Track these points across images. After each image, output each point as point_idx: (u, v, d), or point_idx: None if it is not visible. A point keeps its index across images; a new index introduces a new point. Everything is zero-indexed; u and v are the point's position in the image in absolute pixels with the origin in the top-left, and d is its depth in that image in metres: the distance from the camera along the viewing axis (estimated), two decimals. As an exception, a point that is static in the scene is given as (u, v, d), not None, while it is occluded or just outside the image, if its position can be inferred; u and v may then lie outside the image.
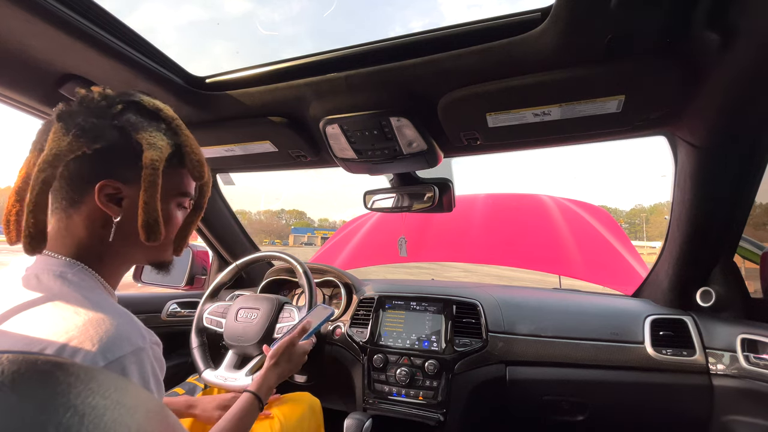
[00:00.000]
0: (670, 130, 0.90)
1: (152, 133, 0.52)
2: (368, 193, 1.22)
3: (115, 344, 0.43)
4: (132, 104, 0.53)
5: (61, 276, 0.48)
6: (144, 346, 0.46)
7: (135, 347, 0.44)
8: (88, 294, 0.47)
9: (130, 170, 0.51)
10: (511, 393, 1.12)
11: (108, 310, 0.45)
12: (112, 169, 0.51)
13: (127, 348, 0.43)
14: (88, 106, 0.51)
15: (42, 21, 0.64)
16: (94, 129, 0.49)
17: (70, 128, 0.48)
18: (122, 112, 0.52)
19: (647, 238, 55.50)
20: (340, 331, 1.30)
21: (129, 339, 0.44)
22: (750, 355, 0.94)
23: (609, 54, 0.67)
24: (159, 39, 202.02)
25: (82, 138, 0.48)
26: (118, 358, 0.42)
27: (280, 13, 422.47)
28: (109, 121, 0.50)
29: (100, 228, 0.52)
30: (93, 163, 0.50)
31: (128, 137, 0.51)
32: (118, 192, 0.51)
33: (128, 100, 0.53)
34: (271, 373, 0.81)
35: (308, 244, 67.69)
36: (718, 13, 0.59)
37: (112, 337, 0.43)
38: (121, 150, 0.50)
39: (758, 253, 1.09)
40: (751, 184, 0.90)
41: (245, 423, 0.71)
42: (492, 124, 0.89)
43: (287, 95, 0.89)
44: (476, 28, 0.71)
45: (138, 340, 0.45)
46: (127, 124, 0.51)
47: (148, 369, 0.45)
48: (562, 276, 2.37)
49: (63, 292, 0.46)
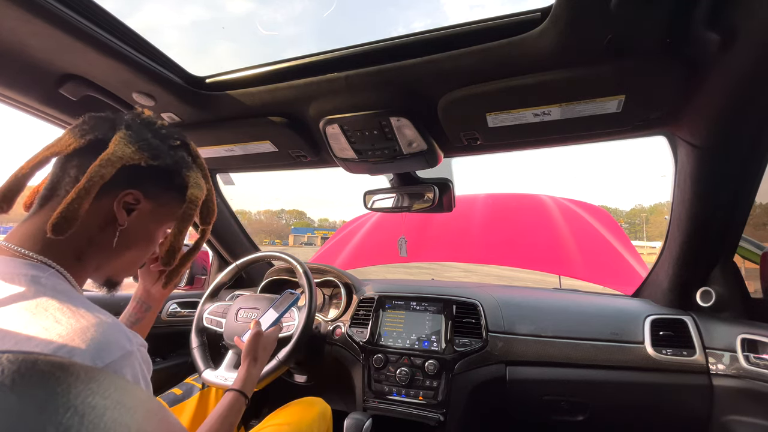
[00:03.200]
0: (670, 130, 0.90)
1: (197, 175, 0.61)
2: (368, 193, 1.22)
3: (104, 350, 0.42)
4: (185, 145, 0.62)
5: (33, 280, 0.46)
6: (132, 349, 0.45)
7: (124, 351, 0.44)
8: (65, 300, 0.45)
9: (158, 189, 0.57)
10: (511, 393, 1.12)
11: (89, 316, 0.44)
12: (145, 183, 0.56)
13: (117, 353, 0.43)
14: (153, 129, 0.58)
15: (42, 21, 0.64)
16: (157, 149, 0.55)
17: (137, 140, 0.53)
18: (179, 147, 0.60)
19: (647, 238, 55.48)
20: (340, 331, 1.30)
21: (117, 343, 0.44)
22: (750, 355, 0.94)
23: (609, 54, 0.67)
24: (161, 39, 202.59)
25: (146, 152, 0.54)
26: (109, 364, 0.41)
27: (282, 13, 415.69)
28: (167, 148, 0.58)
29: (96, 228, 0.53)
30: (135, 174, 0.54)
31: (178, 170, 0.58)
32: (137, 203, 0.55)
33: (183, 140, 0.62)
34: (252, 368, 0.85)
35: (308, 244, 67.69)
36: (717, 13, 0.59)
37: (100, 343, 0.42)
38: (165, 174, 0.57)
39: (758, 253, 1.09)
40: (751, 184, 0.90)
41: (231, 421, 0.74)
42: (492, 124, 0.89)
43: (287, 95, 0.89)
44: (476, 28, 0.71)
45: (126, 343, 0.45)
46: (180, 159, 0.59)
47: (138, 371, 0.45)
48: (562, 276, 2.38)
49: (39, 299, 0.44)
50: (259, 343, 0.89)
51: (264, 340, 0.90)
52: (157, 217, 0.58)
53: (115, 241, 0.55)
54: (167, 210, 0.59)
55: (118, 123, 0.55)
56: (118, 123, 0.55)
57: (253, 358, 0.86)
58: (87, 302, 0.47)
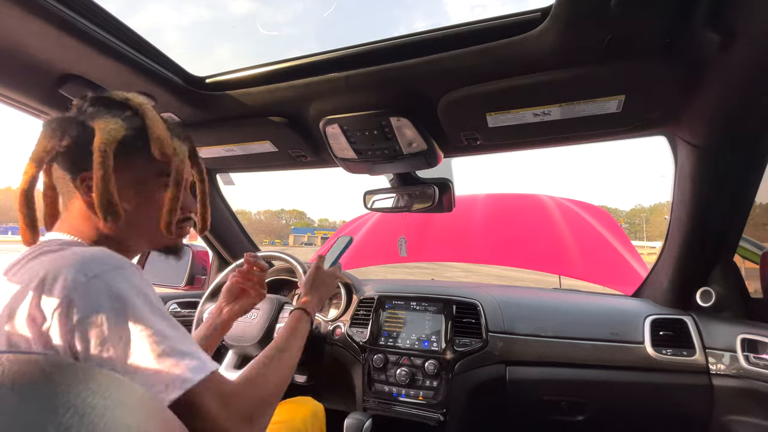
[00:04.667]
0: (670, 130, 0.90)
1: (107, 120, 0.53)
2: (368, 193, 1.22)
3: (94, 262, 0.45)
4: (100, 99, 0.56)
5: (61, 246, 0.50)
6: (125, 265, 0.47)
7: (116, 265, 0.46)
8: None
9: (81, 160, 0.52)
10: (511, 393, 1.12)
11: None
12: (87, 162, 0.51)
13: (109, 265, 0.45)
14: (68, 110, 0.54)
15: (42, 21, 0.64)
16: (60, 127, 0.51)
17: (47, 127, 0.51)
18: (88, 107, 0.54)
19: (647, 238, 55.48)
20: (340, 331, 1.30)
21: (109, 259, 0.46)
22: (750, 355, 0.94)
23: (609, 54, 0.67)
24: (161, 39, 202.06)
25: (53, 137, 0.51)
26: (99, 274, 0.44)
27: (283, 13, 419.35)
28: (74, 118, 0.53)
29: (81, 214, 0.54)
30: (70, 159, 0.53)
31: (85, 126, 0.52)
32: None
33: (99, 96, 0.56)
34: (312, 295, 0.82)
35: (308, 244, 67.68)
36: (717, 14, 0.59)
37: (89, 257, 0.45)
38: (84, 143, 0.51)
39: (758, 253, 1.09)
40: (751, 184, 0.90)
41: (301, 333, 0.73)
42: (492, 124, 0.89)
43: (287, 95, 0.89)
44: (476, 28, 0.71)
45: (118, 261, 0.47)
46: (86, 117, 0.53)
47: (140, 282, 0.47)
48: (562, 276, 2.38)
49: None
50: (317, 276, 0.86)
51: (322, 272, 0.88)
52: (125, 182, 0.55)
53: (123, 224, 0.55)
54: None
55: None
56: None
57: (312, 286, 0.84)
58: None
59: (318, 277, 0.87)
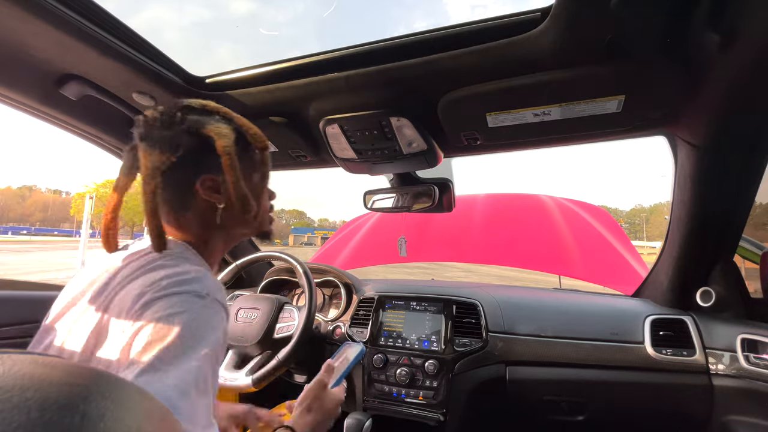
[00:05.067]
0: (670, 130, 0.90)
1: (216, 125, 0.59)
2: (368, 193, 1.22)
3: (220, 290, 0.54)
4: (185, 108, 0.60)
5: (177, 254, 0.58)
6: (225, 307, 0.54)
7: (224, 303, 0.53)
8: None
9: (213, 161, 0.58)
10: (511, 393, 1.12)
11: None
12: (202, 166, 0.59)
13: (221, 296, 0.53)
14: (155, 123, 0.58)
15: (42, 21, 0.64)
16: (171, 139, 0.57)
17: (155, 144, 0.56)
18: (182, 117, 0.59)
19: (647, 238, 55.49)
20: (340, 331, 1.30)
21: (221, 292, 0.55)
22: (750, 355, 0.94)
23: (609, 54, 0.67)
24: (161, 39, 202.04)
25: (167, 149, 0.56)
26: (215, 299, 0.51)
27: (284, 14, 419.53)
28: (179, 129, 0.58)
29: (207, 217, 0.61)
30: (185, 167, 0.58)
31: (199, 135, 0.58)
32: (215, 182, 0.60)
33: (180, 106, 0.61)
34: (305, 417, 0.71)
35: (308, 244, 67.68)
36: (717, 14, 0.59)
37: (217, 285, 0.54)
38: (200, 148, 0.58)
39: (758, 253, 1.09)
40: (751, 184, 0.90)
41: None
42: (492, 124, 0.89)
43: (287, 95, 0.89)
44: (476, 28, 0.71)
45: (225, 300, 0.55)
46: (192, 125, 0.58)
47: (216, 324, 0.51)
48: (562, 276, 2.38)
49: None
50: (318, 395, 0.75)
51: (325, 393, 0.76)
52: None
53: (226, 216, 0.61)
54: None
55: (137, 139, 0.59)
56: (136, 139, 0.59)
57: (307, 408, 0.72)
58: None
59: (320, 397, 0.74)
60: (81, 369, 0.22)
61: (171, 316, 0.46)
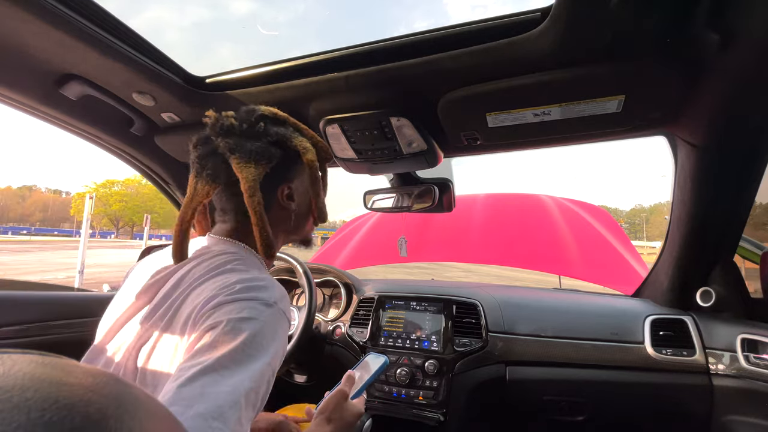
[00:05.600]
0: (670, 130, 0.90)
1: (299, 139, 0.65)
2: (368, 193, 1.22)
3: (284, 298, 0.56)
4: (263, 118, 0.64)
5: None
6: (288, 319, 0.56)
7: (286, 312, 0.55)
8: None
9: (292, 171, 0.66)
10: (511, 393, 1.12)
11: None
12: (285, 174, 0.65)
13: (286, 305, 0.55)
14: (237, 133, 0.62)
15: (42, 21, 0.64)
16: (264, 152, 0.61)
17: (250, 157, 0.59)
18: (266, 128, 0.63)
19: (647, 238, 55.50)
20: (340, 331, 1.30)
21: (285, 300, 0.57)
22: (750, 355, 0.94)
23: (609, 54, 0.67)
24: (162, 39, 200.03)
25: (262, 161, 0.60)
26: (280, 307, 0.53)
27: (285, 14, 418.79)
28: (266, 140, 0.62)
29: (279, 220, 0.66)
30: (272, 177, 0.62)
31: (286, 147, 0.64)
32: (291, 190, 0.66)
33: (258, 115, 0.64)
34: (323, 427, 0.67)
35: (308, 244, 67.56)
36: (717, 14, 0.59)
37: (282, 294, 0.56)
38: (285, 159, 0.64)
39: (758, 253, 1.09)
40: (751, 184, 0.90)
41: None
42: (492, 124, 0.89)
43: (287, 95, 0.89)
44: (476, 28, 0.71)
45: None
46: (279, 138, 0.63)
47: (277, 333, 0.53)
48: (562, 276, 2.37)
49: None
50: (339, 407, 0.69)
51: (347, 404, 0.71)
52: (303, 188, 0.68)
53: (294, 221, 0.67)
54: (304, 177, 0.68)
55: (224, 151, 0.61)
56: (224, 151, 0.61)
57: (327, 418, 0.68)
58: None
59: (340, 408, 0.69)
60: (82, 369, 0.22)
61: (240, 321, 0.47)
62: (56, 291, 1.15)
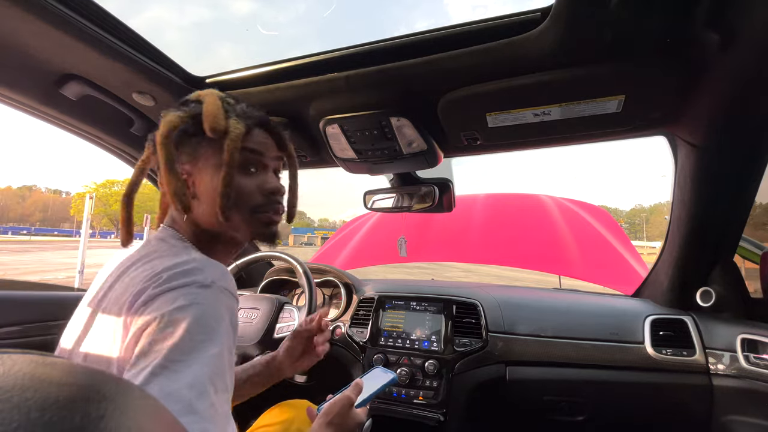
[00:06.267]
0: (670, 130, 0.90)
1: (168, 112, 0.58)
2: (368, 193, 1.22)
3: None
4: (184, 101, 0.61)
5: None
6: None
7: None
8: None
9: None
10: (511, 393, 1.12)
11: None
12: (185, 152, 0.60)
13: (227, 282, 0.51)
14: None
15: (42, 21, 0.64)
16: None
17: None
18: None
19: (647, 238, 55.51)
20: (340, 331, 1.30)
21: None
22: (750, 355, 0.94)
23: (609, 54, 0.67)
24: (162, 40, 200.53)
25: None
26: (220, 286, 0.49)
27: (285, 14, 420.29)
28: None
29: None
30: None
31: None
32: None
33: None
34: (326, 430, 0.66)
35: (308, 244, 67.64)
36: (717, 14, 0.59)
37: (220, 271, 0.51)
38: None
39: (758, 253, 1.09)
40: (751, 184, 0.90)
41: None
42: (492, 124, 0.89)
43: (287, 95, 0.89)
44: (476, 28, 0.71)
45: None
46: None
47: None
48: (562, 276, 2.38)
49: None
50: (341, 410, 0.68)
51: (351, 412, 0.69)
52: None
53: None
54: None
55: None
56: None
57: (329, 422, 0.66)
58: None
59: (344, 414, 0.68)
60: (82, 369, 0.22)
61: (176, 311, 0.44)
62: (56, 291, 1.15)
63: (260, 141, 0.60)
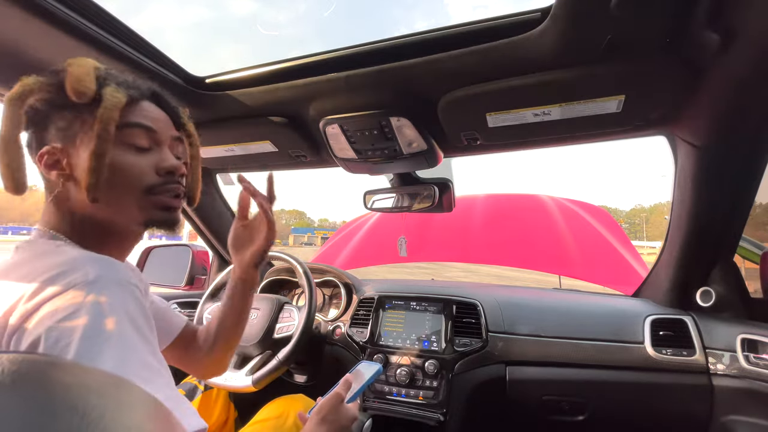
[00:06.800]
0: (670, 130, 0.90)
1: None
2: (368, 193, 1.22)
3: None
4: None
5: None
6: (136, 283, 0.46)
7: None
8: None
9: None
10: (511, 393, 1.12)
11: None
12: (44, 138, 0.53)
13: (115, 273, 0.44)
14: None
15: (42, 21, 0.64)
16: None
17: None
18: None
19: (647, 238, 55.53)
20: (340, 331, 1.30)
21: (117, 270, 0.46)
22: (750, 355, 0.94)
23: (609, 54, 0.67)
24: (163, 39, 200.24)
25: None
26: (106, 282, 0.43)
27: (285, 14, 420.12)
28: None
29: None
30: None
31: None
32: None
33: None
34: (319, 428, 0.66)
35: (308, 244, 67.67)
36: (717, 13, 0.59)
37: (103, 262, 0.45)
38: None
39: (758, 253, 1.09)
40: (751, 184, 0.90)
41: None
42: (492, 124, 0.89)
43: (287, 95, 0.89)
44: (476, 28, 0.71)
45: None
46: None
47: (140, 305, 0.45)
48: (562, 276, 2.38)
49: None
50: (335, 410, 0.69)
51: (342, 407, 0.70)
52: None
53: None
54: None
55: None
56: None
57: (322, 419, 0.67)
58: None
59: (336, 410, 0.69)
60: (82, 369, 0.22)
61: (63, 321, 0.38)
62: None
63: (151, 116, 0.54)
